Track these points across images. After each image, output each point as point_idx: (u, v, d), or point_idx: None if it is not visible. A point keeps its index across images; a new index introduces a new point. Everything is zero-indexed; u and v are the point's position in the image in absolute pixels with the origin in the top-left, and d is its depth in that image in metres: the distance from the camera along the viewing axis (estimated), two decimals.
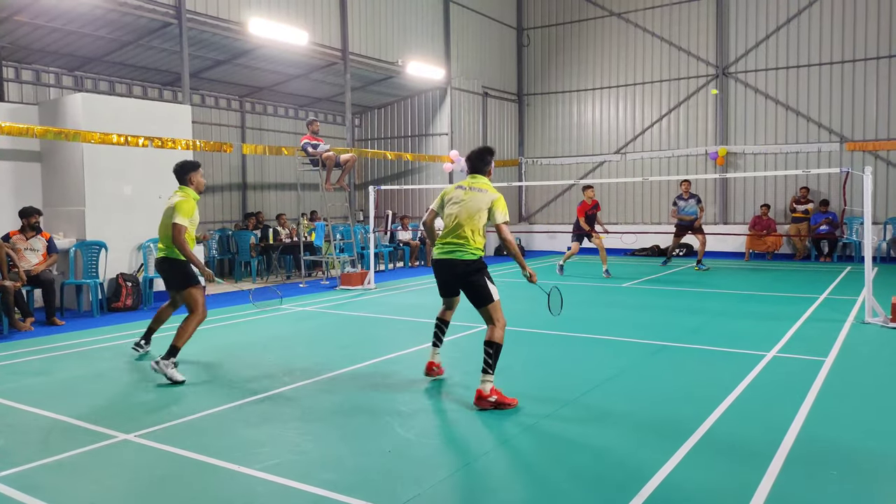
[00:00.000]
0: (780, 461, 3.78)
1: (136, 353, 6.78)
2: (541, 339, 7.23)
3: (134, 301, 9.85)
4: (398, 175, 18.65)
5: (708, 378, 5.63)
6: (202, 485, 3.69)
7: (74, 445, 4.23)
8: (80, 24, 11.09)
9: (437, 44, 17.37)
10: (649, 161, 18.44)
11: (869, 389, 5.28)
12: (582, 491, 3.49)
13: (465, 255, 5.23)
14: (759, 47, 17.01)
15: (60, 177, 10.13)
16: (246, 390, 5.43)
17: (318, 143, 12.25)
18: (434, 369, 5.69)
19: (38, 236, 8.98)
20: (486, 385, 4.83)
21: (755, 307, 9.19)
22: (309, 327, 8.36)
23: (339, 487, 3.54)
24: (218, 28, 12.04)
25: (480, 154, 5.49)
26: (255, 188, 16.59)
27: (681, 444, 4.04)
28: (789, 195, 16.69)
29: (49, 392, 5.51)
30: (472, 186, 5.33)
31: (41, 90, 12.41)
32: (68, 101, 10.05)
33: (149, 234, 10.35)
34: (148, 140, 10.15)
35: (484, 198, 5.24)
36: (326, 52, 14.18)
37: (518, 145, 20.55)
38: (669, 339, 7.13)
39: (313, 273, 14.23)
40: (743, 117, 17.27)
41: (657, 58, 18.37)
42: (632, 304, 9.83)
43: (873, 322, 7.76)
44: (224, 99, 15.80)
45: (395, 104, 18.71)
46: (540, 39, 20.27)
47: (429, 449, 4.09)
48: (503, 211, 5.25)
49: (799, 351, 6.46)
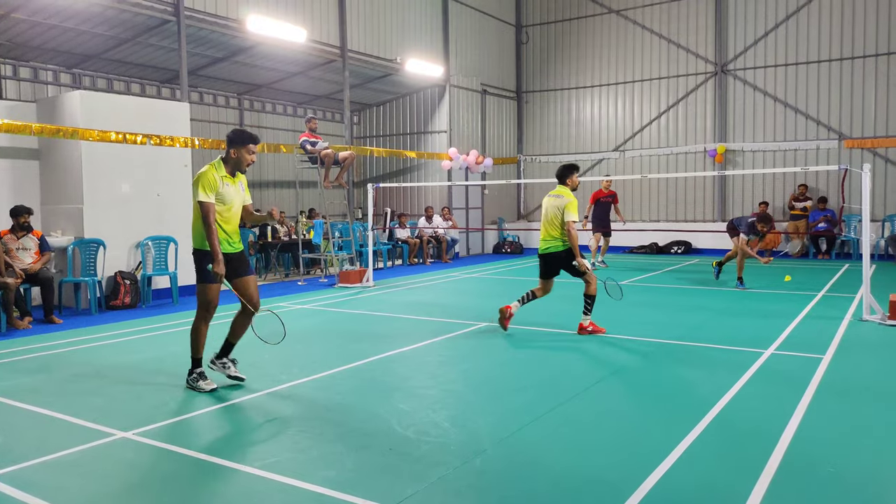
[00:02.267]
0: (777, 458, 3.78)
1: (232, 382, 5.53)
2: (539, 337, 7.22)
3: (132, 299, 9.84)
4: (397, 173, 18.64)
5: (705, 376, 5.63)
6: (201, 483, 3.69)
7: (72, 443, 4.23)
8: (77, 21, 11.07)
9: (436, 41, 17.36)
10: (648, 158, 18.45)
11: (867, 387, 5.29)
12: (581, 487, 3.50)
13: (555, 249, 7.29)
14: (757, 44, 17.01)
15: (58, 174, 10.11)
16: (244, 388, 5.43)
17: (317, 140, 12.25)
18: (507, 312, 7.31)
19: (30, 235, 8.91)
20: (585, 319, 7.19)
21: (753, 305, 9.20)
22: (307, 325, 8.36)
23: (338, 485, 3.54)
24: (216, 25, 12.02)
25: (563, 169, 7.60)
26: (254, 186, 16.57)
27: (676, 444, 4.04)
28: (788, 192, 16.70)
29: (47, 390, 5.51)
30: (553, 194, 7.42)
31: (39, 88, 12.38)
32: (66, 99, 10.03)
33: (147, 231, 10.34)
34: (146, 138, 10.13)
35: (560, 203, 7.24)
36: (325, 49, 14.17)
37: (517, 143, 20.54)
38: (667, 336, 7.14)
39: (312, 271, 14.23)
40: (742, 114, 17.28)
41: (656, 55, 18.37)
42: (629, 302, 9.82)
43: (871, 319, 7.77)
44: (222, 96, 15.77)
45: (394, 101, 18.68)
46: (539, 37, 20.25)
47: (428, 447, 4.09)
48: (571, 212, 7.13)
49: (797, 348, 6.47)
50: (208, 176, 5.18)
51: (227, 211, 5.29)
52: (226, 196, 5.26)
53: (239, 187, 5.41)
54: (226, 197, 5.26)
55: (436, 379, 5.70)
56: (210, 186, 5.16)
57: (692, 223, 17.75)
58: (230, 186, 5.30)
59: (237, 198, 5.38)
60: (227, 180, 5.29)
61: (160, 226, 10.51)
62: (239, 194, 5.40)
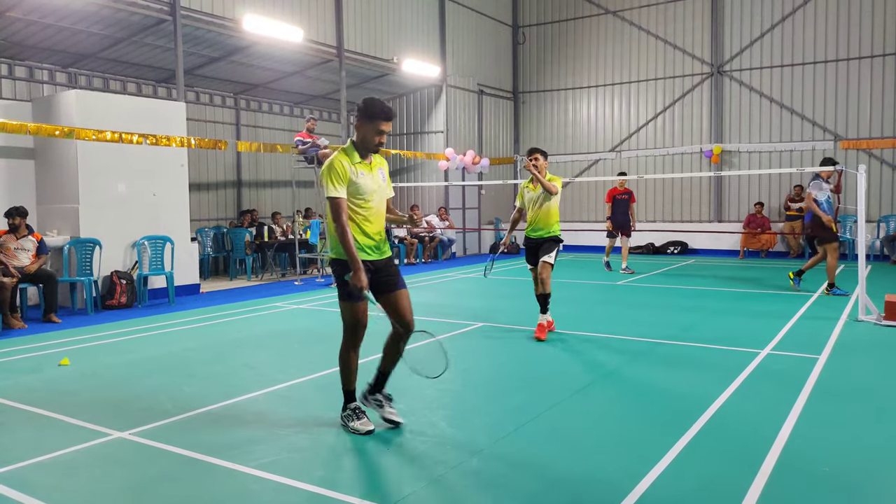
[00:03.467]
0: (773, 458, 3.79)
1: (387, 425, 4.48)
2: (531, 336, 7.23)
3: (128, 299, 9.82)
4: (393, 173, 18.61)
5: (702, 376, 5.64)
6: (197, 483, 3.69)
7: (68, 443, 4.22)
8: (73, 20, 11.04)
9: (433, 41, 17.36)
10: (644, 159, 18.47)
11: (862, 387, 5.30)
12: (578, 488, 3.50)
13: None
14: (753, 46, 17.05)
15: (54, 174, 10.08)
16: (241, 388, 5.42)
17: (311, 139, 12.27)
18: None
19: (30, 237, 8.91)
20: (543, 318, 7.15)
21: (749, 305, 9.22)
22: (304, 325, 8.35)
23: (334, 485, 3.54)
24: (212, 25, 12.00)
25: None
26: (250, 185, 16.55)
27: (672, 444, 4.04)
28: (783, 193, 16.74)
29: (43, 389, 5.49)
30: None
31: (35, 87, 12.34)
32: (62, 98, 10.01)
33: (143, 231, 10.32)
34: (142, 137, 10.11)
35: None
36: (321, 49, 14.15)
37: (513, 143, 20.55)
38: (663, 336, 7.15)
39: (308, 271, 14.22)
40: (738, 115, 17.31)
41: (652, 56, 18.40)
42: (627, 302, 9.84)
43: (866, 320, 7.79)
44: (219, 96, 15.74)
45: (391, 101, 18.66)
46: (535, 37, 20.27)
47: (425, 446, 4.09)
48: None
49: (793, 349, 6.49)
50: (336, 164, 4.11)
51: (364, 206, 4.19)
52: (361, 187, 4.16)
53: (378, 175, 4.28)
54: (361, 188, 4.16)
55: (433, 380, 5.68)
56: (339, 177, 4.09)
57: (688, 223, 17.79)
58: (366, 175, 4.19)
59: (378, 190, 4.27)
60: (362, 168, 4.20)
61: (156, 225, 10.49)
62: (378, 185, 4.28)
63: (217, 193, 15.76)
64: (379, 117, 4.14)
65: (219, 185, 15.79)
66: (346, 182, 4.10)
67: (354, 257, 4.04)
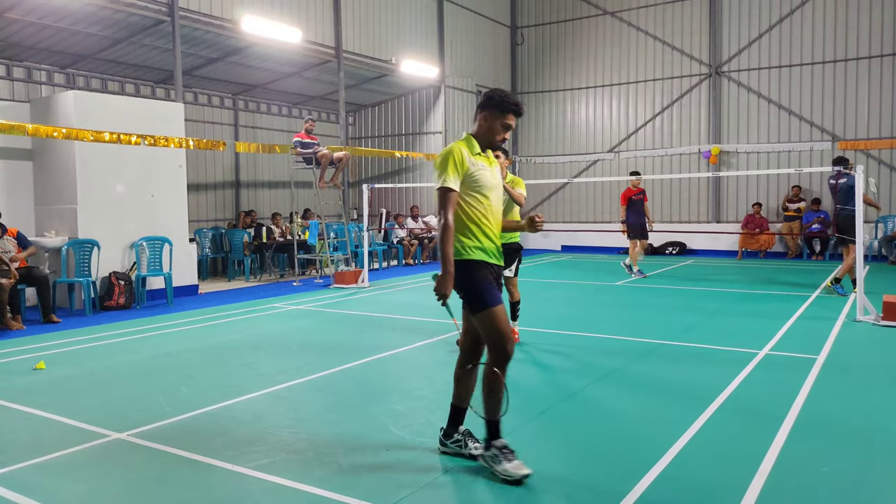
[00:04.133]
0: (772, 458, 3.79)
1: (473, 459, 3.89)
2: (531, 340, 7.23)
3: (127, 300, 9.81)
4: (392, 173, 18.63)
5: (700, 376, 5.64)
6: (195, 484, 3.68)
7: (66, 445, 4.21)
8: (71, 21, 11.03)
9: (431, 42, 17.36)
10: (643, 160, 18.48)
11: (861, 387, 5.31)
12: (575, 489, 3.50)
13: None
14: (751, 46, 17.07)
15: (52, 175, 10.07)
16: (239, 389, 5.42)
17: (310, 140, 12.26)
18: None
19: (5, 237, 8.66)
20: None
21: (748, 305, 9.23)
22: (302, 326, 8.35)
23: (333, 486, 3.54)
24: (211, 25, 11.99)
25: None
26: (249, 186, 16.55)
27: (670, 446, 4.05)
28: (782, 194, 16.76)
29: (41, 391, 5.48)
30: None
31: (33, 88, 12.33)
32: (60, 99, 10.00)
33: (141, 232, 10.32)
34: (140, 138, 10.10)
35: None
36: (320, 49, 14.15)
37: (512, 144, 20.55)
38: (663, 337, 7.15)
39: (307, 271, 14.21)
40: (736, 116, 17.33)
41: (650, 57, 18.41)
42: (626, 303, 9.85)
43: (865, 320, 7.80)
44: (217, 97, 15.74)
45: (389, 102, 18.68)
46: (534, 38, 20.28)
47: (423, 447, 4.09)
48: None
49: (791, 349, 6.49)
50: (456, 152, 3.70)
51: (484, 202, 3.78)
52: (480, 180, 3.74)
53: (496, 172, 3.91)
54: (481, 181, 3.74)
55: (431, 380, 5.70)
56: (457, 167, 3.67)
57: (687, 224, 17.80)
58: (486, 169, 3.80)
59: (496, 186, 3.88)
60: (482, 160, 3.81)
61: (154, 226, 10.48)
62: (498, 182, 3.90)
63: (215, 194, 15.75)
64: (510, 110, 3.78)
65: (217, 186, 15.78)
66: (464, 174, 3.70)
67: (450, 258, 3.61)
